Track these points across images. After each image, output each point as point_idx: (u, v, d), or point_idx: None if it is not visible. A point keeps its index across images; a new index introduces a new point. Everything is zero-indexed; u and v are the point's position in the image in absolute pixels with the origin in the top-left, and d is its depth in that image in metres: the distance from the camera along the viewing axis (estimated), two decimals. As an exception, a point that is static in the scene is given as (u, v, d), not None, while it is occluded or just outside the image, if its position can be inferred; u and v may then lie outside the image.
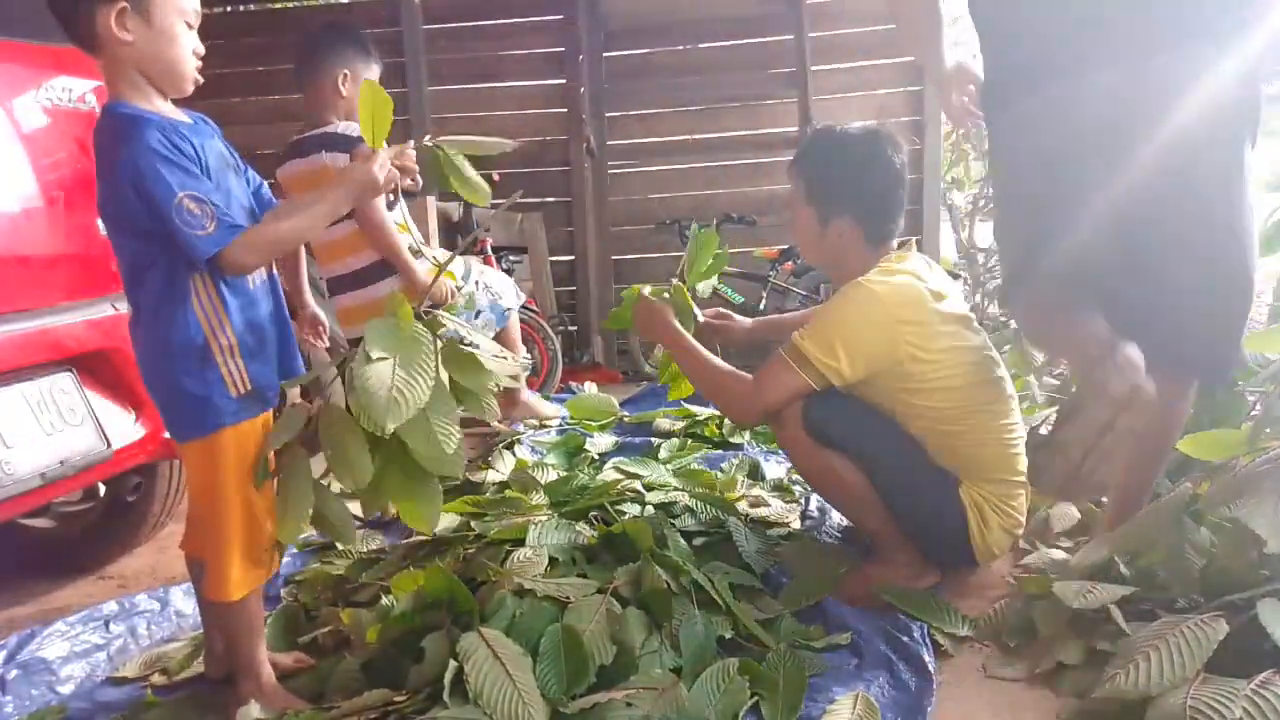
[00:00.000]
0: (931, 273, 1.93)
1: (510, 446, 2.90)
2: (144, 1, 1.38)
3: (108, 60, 1.42)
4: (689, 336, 2.05)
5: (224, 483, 1.49)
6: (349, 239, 2.52)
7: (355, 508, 1.64)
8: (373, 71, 2.49)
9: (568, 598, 1.65)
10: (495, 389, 1.63)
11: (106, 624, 1.97)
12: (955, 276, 4.53)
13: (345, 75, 2.43)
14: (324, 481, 1.57)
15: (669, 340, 2.07)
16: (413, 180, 1.65)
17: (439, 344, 1.53)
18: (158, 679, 1.77)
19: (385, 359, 1.42)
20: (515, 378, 2.91)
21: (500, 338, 2.89)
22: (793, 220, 2.03)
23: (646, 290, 2.13)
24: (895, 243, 1.96)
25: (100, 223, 1.53)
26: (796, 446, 1.94)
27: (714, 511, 2.17)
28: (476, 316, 2.80)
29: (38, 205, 1.75)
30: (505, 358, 1.67)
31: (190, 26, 1.45)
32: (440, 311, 1.65)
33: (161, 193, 1.35)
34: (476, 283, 2.85)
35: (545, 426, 3.20)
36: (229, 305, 1.47)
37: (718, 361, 2.00)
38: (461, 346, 1.60)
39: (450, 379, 1.54)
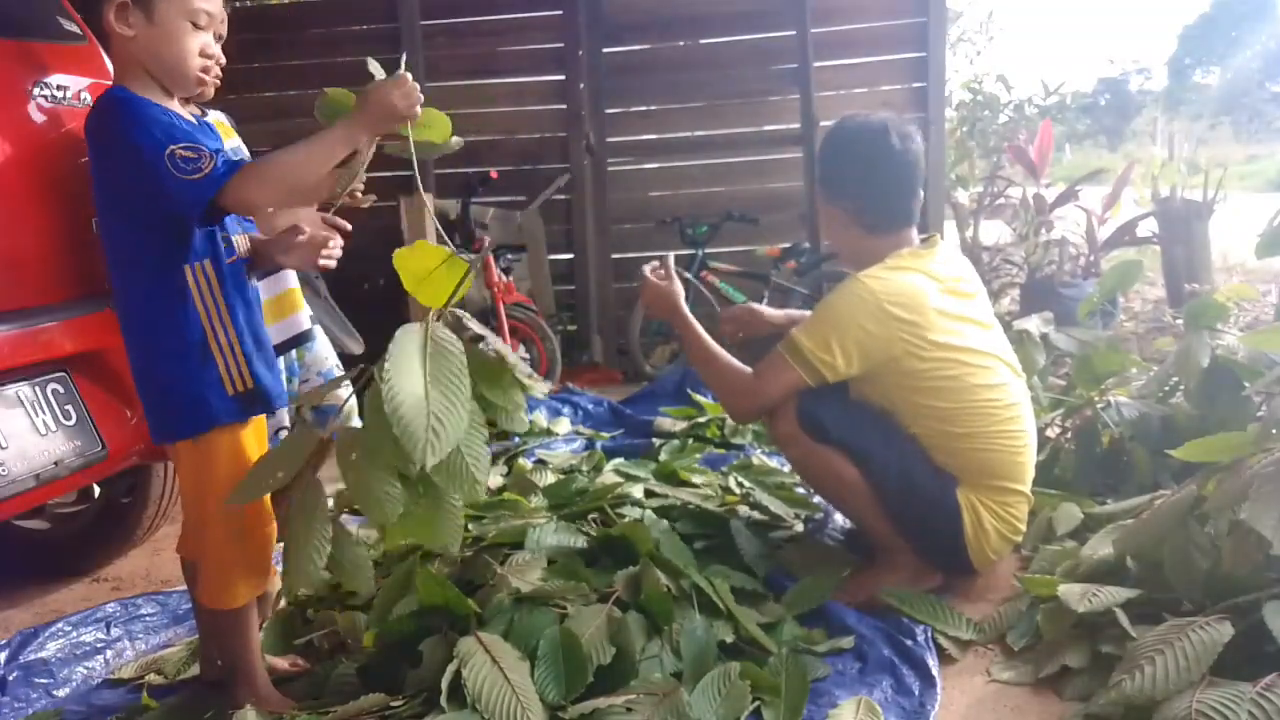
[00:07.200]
0: (954, 269, 1.92)
1: (514, 458, 2.88)
2: None
3: (115, 52, 1.44)
4: (695, 322, 2.04)
5: (219, 486, 1.46)
6: None
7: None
8: None
9: (566, 602, 1.64)
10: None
11: (107, 625, 1.97)
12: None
13: None
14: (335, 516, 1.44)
15: (677, 321, 2.06)
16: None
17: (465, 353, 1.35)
18: (154, 680, 1.76)
19: (416, 377, 1.26)
20: None
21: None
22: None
23: None
24: (914, 234, 1.96)
25: (95, 221, 1.51)
26: (791, 442, 1.94)
27: (715, 514, 2.15)
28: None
29: (33, 204, 1.73)
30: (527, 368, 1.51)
31: (199, 27, 1.43)
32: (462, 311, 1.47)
33: (150, 146, 1.32)
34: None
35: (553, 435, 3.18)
36: (231, 301, 1.45)
37: (722, 352, 2.01)
38: (486, 352, 1.43)
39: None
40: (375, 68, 1.44)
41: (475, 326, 1.45)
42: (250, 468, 1.47)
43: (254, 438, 1.53)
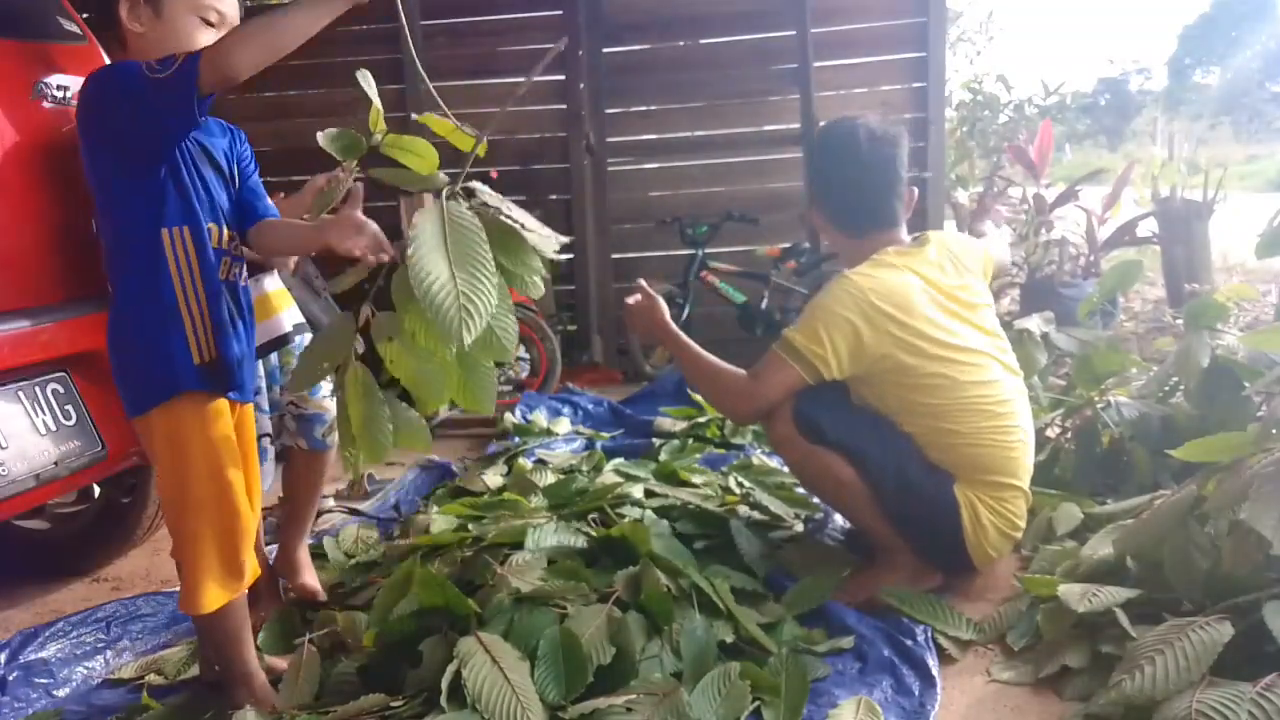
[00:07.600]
0: (948, 267, 1.92)
1: (514, 458, 2.88)
2: None
3: (126, 51, 1.45)
4: (684, 335, 2.05)
5: (190, 470, 1.43)
6: None
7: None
8: None
9: (566, 602, 1.64)
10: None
11: (107, 625, 1.97)
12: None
13: None
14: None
15: (665, 338, 2.06)
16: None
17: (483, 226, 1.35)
18: (154, 680, 1.76)
19: (440, 258, 1.26)
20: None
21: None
22: None
23: None
24: (902, 234, 1.96)
25: (94, 220, 1.51)
26: (788, 444, 1.94)
27: (715, 514, 2.15)
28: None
29: (33, 204, 1.73)
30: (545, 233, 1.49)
31: (209, 24, 1.43)
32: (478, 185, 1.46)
33: (125, 71, 1.33)
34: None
35: (553, 435, 3.18)
36: (205, 268, 1.43)
37: (714, 359, 2.01)
38: (504, 220, 1.42)
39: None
40: (366, 79, 1.47)
41: (488, 196, 1.44)
42: (222, 462, 1.44)
43: (224, 425, 1.48)
